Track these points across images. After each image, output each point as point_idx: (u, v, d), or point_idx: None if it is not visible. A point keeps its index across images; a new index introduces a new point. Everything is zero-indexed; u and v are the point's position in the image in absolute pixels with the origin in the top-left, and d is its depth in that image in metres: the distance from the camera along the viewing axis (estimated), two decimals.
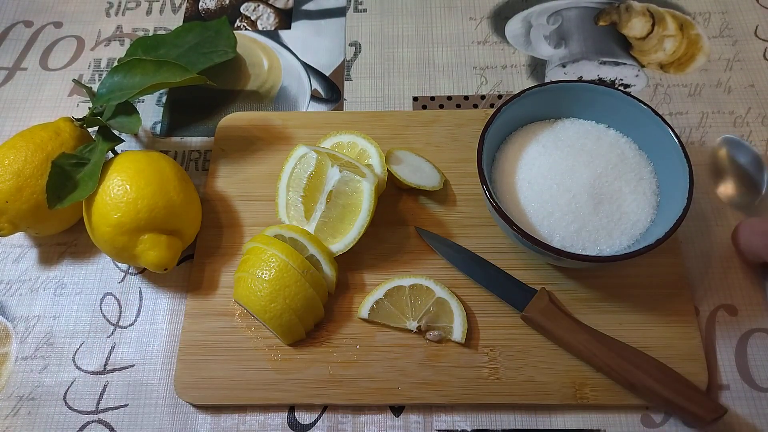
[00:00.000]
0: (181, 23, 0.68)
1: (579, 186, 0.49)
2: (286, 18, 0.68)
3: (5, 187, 0.49)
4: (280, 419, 0.48)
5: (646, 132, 0.50)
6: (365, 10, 0.68)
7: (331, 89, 0.63)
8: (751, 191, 0.55)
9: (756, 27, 0.65)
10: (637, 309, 0.50)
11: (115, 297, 0.53)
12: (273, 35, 0.67)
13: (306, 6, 0.69)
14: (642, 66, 0.63)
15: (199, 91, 0.63)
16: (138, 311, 0.52)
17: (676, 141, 0.48)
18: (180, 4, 0.70)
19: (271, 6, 0.69)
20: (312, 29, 0.67)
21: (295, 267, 0.47)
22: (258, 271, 0.47)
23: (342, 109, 0.62)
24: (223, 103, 0.63)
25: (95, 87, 0.63)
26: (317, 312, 0.49)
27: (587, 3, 0.67)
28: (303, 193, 0.52)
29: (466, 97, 0.62)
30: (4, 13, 0.69)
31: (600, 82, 0.62)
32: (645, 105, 0.49)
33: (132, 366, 0.50)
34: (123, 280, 0.54)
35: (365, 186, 0.50)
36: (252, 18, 0.69)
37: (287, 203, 0.53)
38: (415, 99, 0.62)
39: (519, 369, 0.48)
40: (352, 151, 0.54)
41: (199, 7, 0.69)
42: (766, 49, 0.63)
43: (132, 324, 0.52)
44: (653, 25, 0.65)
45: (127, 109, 0.53)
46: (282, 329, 0.47)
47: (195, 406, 0.48)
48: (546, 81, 0.62)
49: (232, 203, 0.56)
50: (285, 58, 0.66)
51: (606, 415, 0.47)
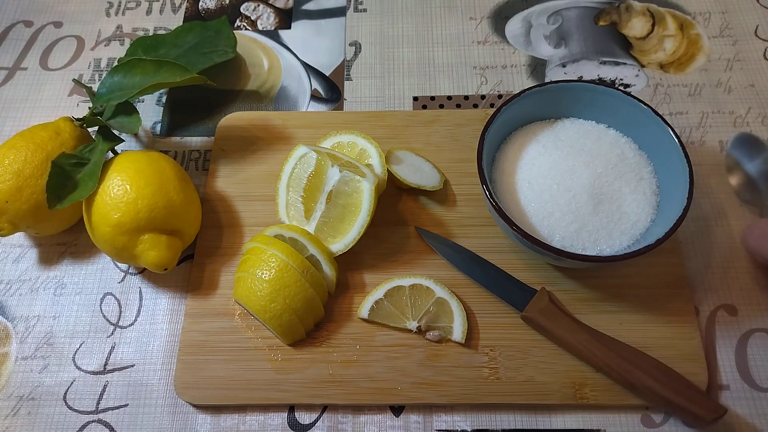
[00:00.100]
0: (181, 23, 0.68)
1: (579, 186, 0.49)
2: (286, 18, 0.68)
3: (5, 187, 0.49)
4: (280, 419, 0.48)
5: (646, 132, 0.50)
6: (365, 9, 0.68)
7: (331, 89, 0.63)
8: (765, 191, 0.55)
9: (756, 27, 0.65)
10: (637, 309, 0.50)
11: (115, 297, 0.53)
12: (273, 35, 0.67)
13: (306, 6, 0.69)
14: (642, 66, 0.63)
15: (199, 91, 0.63)
16: (138, 311, 0.52)
17: (676, 141, 0.48)
18: (180, 4, 0.69)
19: (271, 6, 0.69)
20: (312, 29, 0.67)
21: (295, 267, 0.47)
22: (258, 271, 0.47)
23: (342, 109, 0.62)
24: (223, 103, 0.63)
25: (95, 87, 0.63)
26: (317, 312, 0.49)
27: (587, 3, 0.67)
28: (303, 193, 0.52)
29: (466, 97, 0.62)
30: (4, 13, 0.69)
31: (600, 82, 0.62)
32: (645, 105, 0.49)
33: (132, 366, 0.50)
34: (123, 280, 0.54)
35: (365, 186, 0.50)
36: (252, 18, 0.69)
37: (287, 203, 0.53)
38: (415, 99, 0.62)
39: (519, 369, 0.48)
40: (352, 151, 0.54)
41: (199, 7, 0.69)
42: (766, 49, 0.63)
43: (132, 324, 0.52)
44: (653, 25, 0.65)
45: (127, 109, 0.53)
46: (282, 329, 0.47)
47: (195, 406, 0.48)
48: (546, 81, 0.62)
49: (232, 203, 0.56)
50: (285, 58, 0.66)
51: (606, 415, 0.47)
